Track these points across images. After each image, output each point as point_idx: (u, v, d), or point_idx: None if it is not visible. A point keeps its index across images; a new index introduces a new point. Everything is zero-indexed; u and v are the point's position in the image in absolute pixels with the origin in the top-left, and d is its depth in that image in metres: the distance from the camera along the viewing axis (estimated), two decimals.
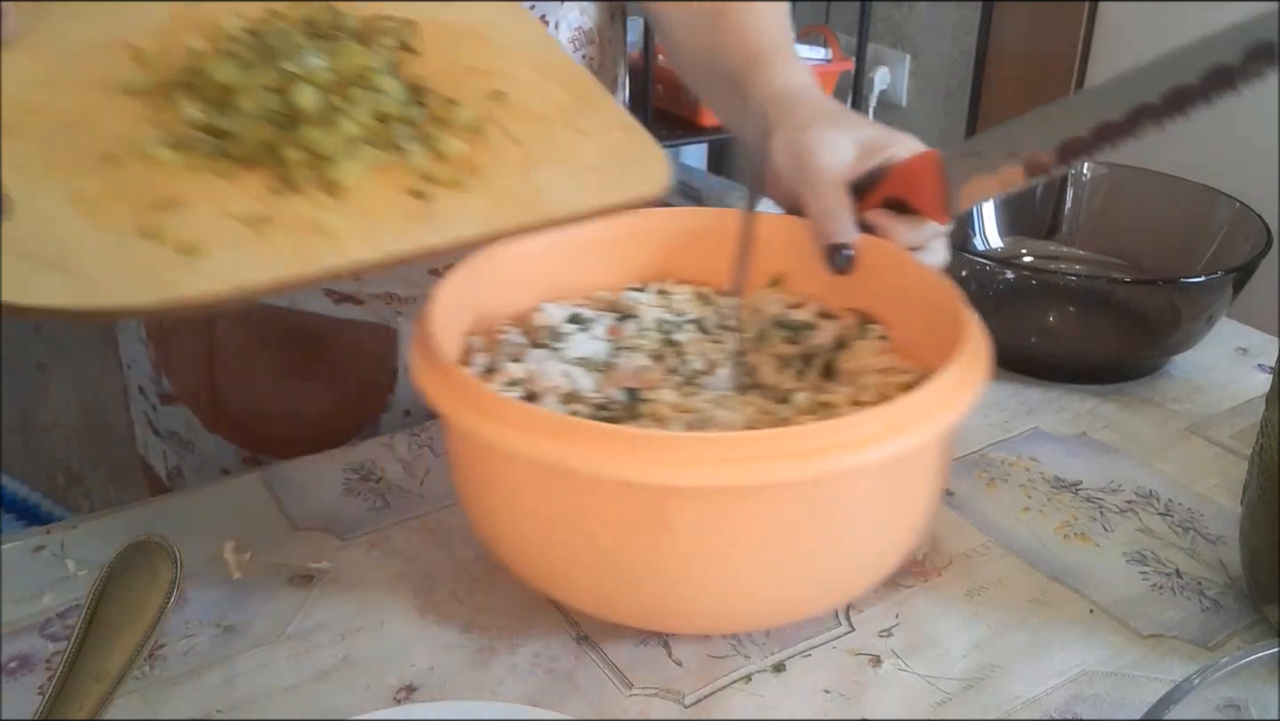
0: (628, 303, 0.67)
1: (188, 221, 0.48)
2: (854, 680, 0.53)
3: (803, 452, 0.46)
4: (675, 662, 0.54)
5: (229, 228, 0.48)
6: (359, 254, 0.49)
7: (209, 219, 0.48)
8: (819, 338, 0.65)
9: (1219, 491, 0.67)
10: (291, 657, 0.54)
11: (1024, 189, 0.62)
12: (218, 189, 0.50)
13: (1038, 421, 0.74)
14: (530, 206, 0.54)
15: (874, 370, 0.61)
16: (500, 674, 0.53)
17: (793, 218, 0.66)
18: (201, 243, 0.47)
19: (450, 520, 0.64)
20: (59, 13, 0.54)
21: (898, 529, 0.54)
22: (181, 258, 0.47)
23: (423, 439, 0.72)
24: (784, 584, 0.52)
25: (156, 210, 0.48)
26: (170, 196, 0.48)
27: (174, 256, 0.47)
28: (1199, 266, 0.80)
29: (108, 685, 0.47)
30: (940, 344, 0.57)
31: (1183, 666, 0.54)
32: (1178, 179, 0.85)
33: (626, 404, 0.58)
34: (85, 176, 0.49)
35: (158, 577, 0.52)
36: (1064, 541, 0.62)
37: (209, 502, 0.66)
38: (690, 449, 0.46)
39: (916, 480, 0.53)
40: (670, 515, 0.48)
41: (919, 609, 0.57)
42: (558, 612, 0.57)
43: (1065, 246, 0.89)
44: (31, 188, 0.47)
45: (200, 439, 0.83)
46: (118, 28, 0.54)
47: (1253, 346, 0.83)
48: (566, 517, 0.51)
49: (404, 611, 0.57)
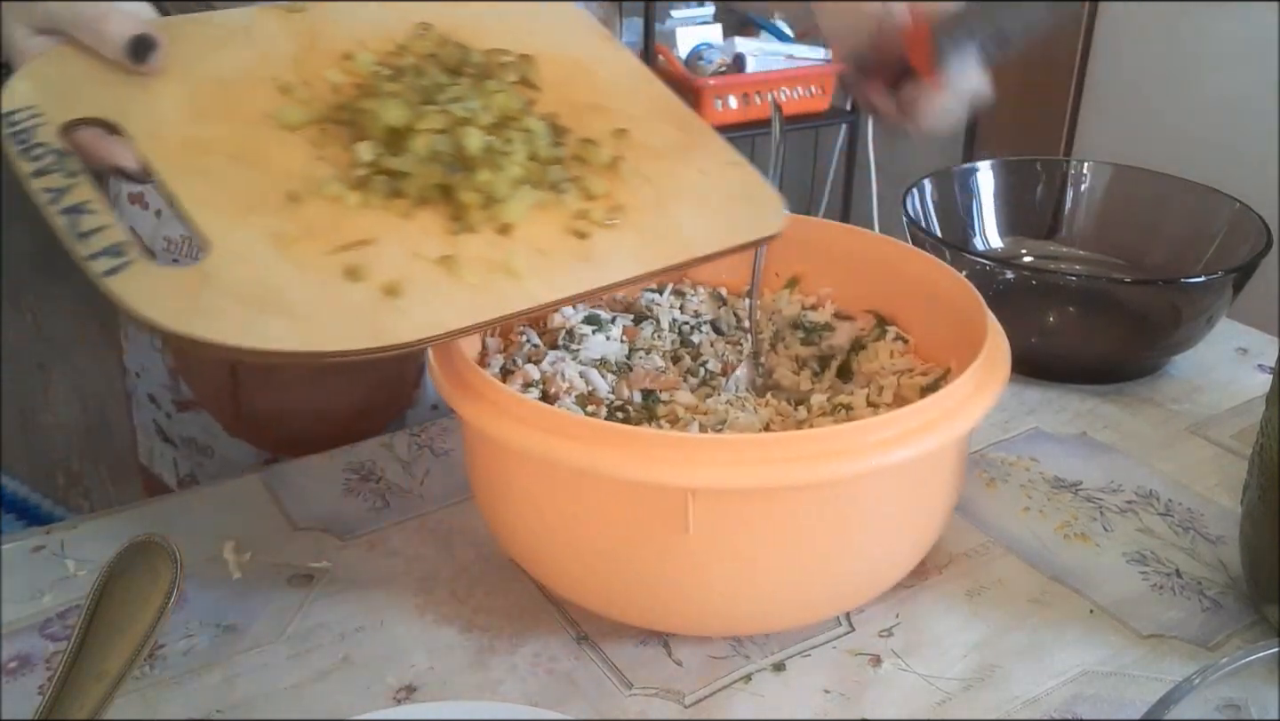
0: (644, 304, 0.67)
1: (382, 262, 0.49)
2: (854, 680, 0.53)
3: (823, 455, 0.46)
4: (675, 662, 0.54)
5: (421, 269, 0.49)
6: (541, 295, 0.51)
7: (400, 259, 0.49)
8: (836, 339, 0.65)
9: (1219, 491, 0.67)
10: (291, 657, 0.54)
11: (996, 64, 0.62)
12: (401, 229, 0.50)
13: (1038, 421, 0.74)
14: (677, 245, 0.55)
15: (891, 371, 0.61)
16: (500, 674, 0.53)
17: (806, 218, 0.66)
18: (401, 284, 0.48)
19: (450, 520, 0.64)
20: (192, 40, 0.54)
21: (914, 532, 0.54)
22: (387, 300, 0.47)
23: (423, 439, 0.72)
24: (799, 586, 0.52)
25: (350, 251, 0.49)
26: (361, 237, 0.49)
27: (380, 298, 0.47)
28: (1199, 266, 0.80)
29: (108, 685, 0.47)
30: (959, 344, 0.57)
31: (1183, 666, 0.54)
32: (1178, 179, 0.85)
33: (643, 405, 0.58)
34: (273, 216, 0.49)
35: (158, 577, 0.52)
36: (1064, 541, 0.62)
37: (209, 502, 0.66)
38: (708, 450, 0.46)
39: (935, 483, 0.53)
40: (687, 516, 0.48)
41: (919, 609, 0.57)
42: (558, 612, 0.57)
43: (1065, 246, 0.89)
44: (223, 228, 0.48)
45: (220, 443, 0.83)
46: (253, 58, 0.55)
47: (1253, 346, 0.83)
48: (581, 517, 0.51)
49: (404, 611, 0.57)
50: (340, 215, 0.50)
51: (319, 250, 0.48)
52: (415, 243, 0.50)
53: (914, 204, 0.82)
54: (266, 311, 0.46)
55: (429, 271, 0.49)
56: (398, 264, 0.49)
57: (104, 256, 0.45)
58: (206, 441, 0.83)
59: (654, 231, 0.55)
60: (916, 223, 0.80)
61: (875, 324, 0.66)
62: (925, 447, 0.48)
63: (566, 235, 0.53)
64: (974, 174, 0.89)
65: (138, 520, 0.64)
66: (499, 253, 0.51)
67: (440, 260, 0.50)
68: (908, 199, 0.82)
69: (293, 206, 0.50)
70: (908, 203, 0.81)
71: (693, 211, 0.57)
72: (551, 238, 0.53)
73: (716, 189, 0.59)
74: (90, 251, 0.45)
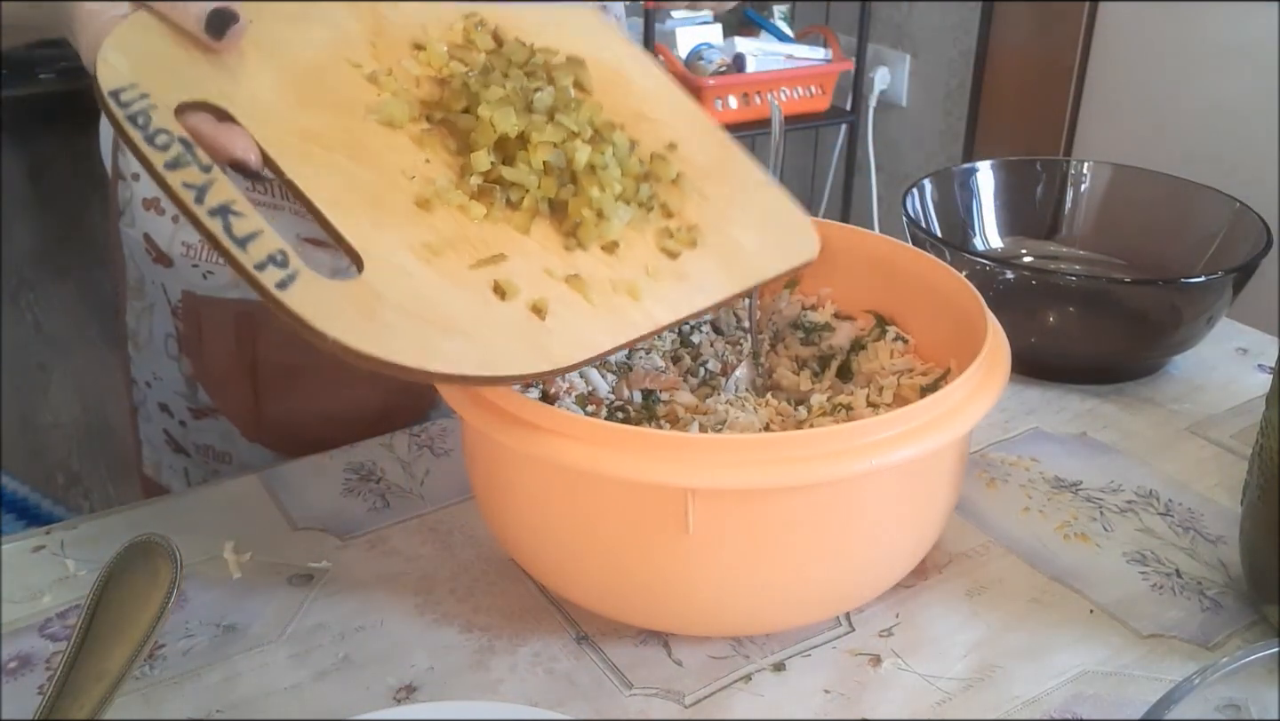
0: None
1: (519, 279, 0.47)
2: (854, 680, 0.53)
3: (823, 455, 0.46)
4: (675, 662, 0.54)
5: (553, 287, 0.48)
6: (660, 317, 0.50)
7: (533, 276, 0.47)
8: (835, 339, 0.65)
9: (1219, 491, 0.67)
10: (291, 657, 0.54)
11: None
12: (522, 244, 0.49)
13: (1038, 421, 0.74)
14: (749, 267, 0.54)
15: (891, 371, 0.61)
16: (500, 674, 0.53)
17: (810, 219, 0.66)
18: (545, 303, 0.46)
19: (450, 520, 0.64)
20: (263, 14, 0.49)
21: (914, 532, 0.54)
22: (534, 320, 0.46)
23: (423, 439, 0.72)
24: (799, 586, 0.52)
25: (489, 266, 0.46)
26: (494, 252, 0.47)
27: (529, 318, 0.45)
28: (1199, 266, 0.80)
29: (108, 685, 0.47)
30: (959, 344, 0.57)
31: (1183, 666, 0.54)
32: (1178, 179, 0.85)
33: (643, 405, 0.58)
34: (409, 225, 0.46)
35: (158, 577, 0.51)
36: (1064, 541, 0.62)
37: (209, 502, 0.66)
38: (708, 450, 0.46)
39: (935, 483, 0.53)
40: (687, 516, 0.48)
41: (919, 609, 0.57)
42: (558, 612, 0.57)
43: (1065, 246, 0.89)
44: (366, 235, 0.45)
45: (239, 450, 0.82)
46: (327, 37, 0.51)
47: (1253, 346, 0.83)
48: (581, 517, 0.51)
49: (404, 611, 0.57)
50: (465, 226, 0.47)
51: (461, 264, 0.46)
52: (540, 259, 0.48)
53: (914, 204, 0.82)
54: (439, 331, 0.43)
55: (560, 290, 0.48)
56: (534, 282, 0.47)
57: (271, 267, 0.41)
58: (225, 448, 0.83)
59: (727, 251, 0.54)
60: (916, 223, 0.80)
61: (875, 324, 0.66)
62: (925, 448, 0.48)
63: (659, 254, 0.52)
64: (974, 174, 0.89)
65: (138, 520, 0.64)
66: (615, 272, 0.50)
67: (569, 279, 0.48)
68: (908, 199, 0.82)
69: (422, 214, 0.47)
70: (908, 203, 0.81)
71: (747, 232, 0.56)
72: (650, 257, 0.52)
73: (760, 208, 0.58)
74: (255, 262, 0.41)
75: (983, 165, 0.89)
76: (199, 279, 0.76)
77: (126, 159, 0.78)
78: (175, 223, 0.76)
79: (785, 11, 2.36)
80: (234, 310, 0.76)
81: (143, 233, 0.78)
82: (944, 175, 0.88)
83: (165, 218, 0.76)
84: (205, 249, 0.75)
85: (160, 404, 0.84)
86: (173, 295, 0.78)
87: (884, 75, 2.27)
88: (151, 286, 0.80)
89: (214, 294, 0.76)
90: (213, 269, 0.76)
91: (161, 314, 0.80)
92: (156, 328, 0.81)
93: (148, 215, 0.77)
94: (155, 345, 0.82)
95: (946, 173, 0.88)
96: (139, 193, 0.77)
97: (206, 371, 0.80)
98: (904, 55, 2.26)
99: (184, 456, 0.85)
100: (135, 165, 0.77)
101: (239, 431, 0.81)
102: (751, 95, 2.08)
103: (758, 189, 0.59)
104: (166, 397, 0.83)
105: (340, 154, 0.47)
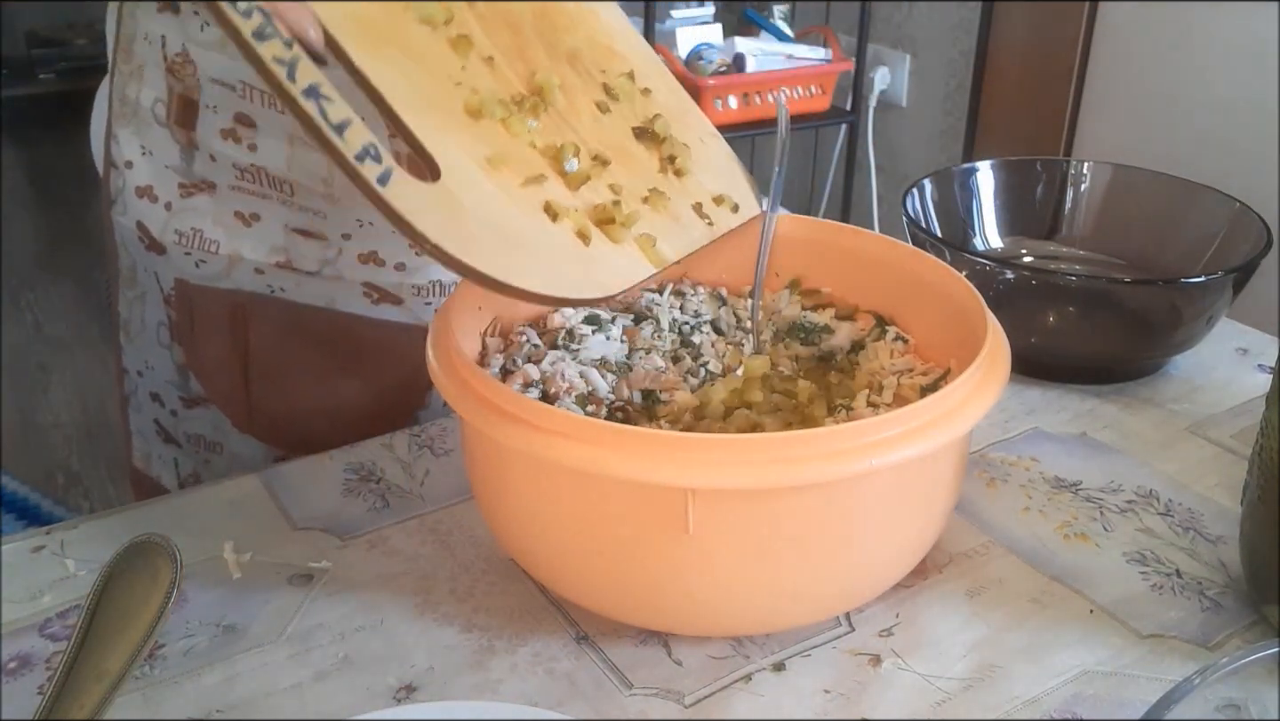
0: (644, 305, 0.67)
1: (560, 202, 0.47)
2: (854, 680, 0.53)
3: (823, 455, 0.46)
4: (675, 662, 0.54)
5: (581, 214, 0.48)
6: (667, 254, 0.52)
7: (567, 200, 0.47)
8: (835, 340, 0.65)
9: (1219, 491, 0.67)
10: (291, 657, 0.54)
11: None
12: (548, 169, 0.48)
13: (1038, 421, 0.74)
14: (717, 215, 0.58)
15: (891, 371, 0.61)
16: (500, 674, 0.53)
17: (806, 218, 0.66)
18: (588, 229, 0.46)
19: (450, 520, 0.64)
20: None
21: (914, 532, 0.54)
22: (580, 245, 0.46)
23: (423, 439, 0.72)
24: (799, 586, 0.52)
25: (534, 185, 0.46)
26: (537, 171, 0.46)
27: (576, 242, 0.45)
28: (1199, 266, 0.80)
29: (108, 685, 0.47)
30: (959, 344, 0.57)
31: (1183, 666, 0.54)
32: (1178, 179, 0.85)
33: (643, 405, 0.58)
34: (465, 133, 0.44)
35: (158, 577, 0.52)
36: (1064, 541, 0.62)
37: (209, 502, 0.66)
38: (708, 450, 0.46)
39: (935, 483, 0.53)
40: (687, 516, 0.48)
41: (919, 609, 0.57)
42: (557, 612, 0.57)
43: (1065, 246, 0.89)
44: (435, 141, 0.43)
45: (230, 440, 0.82)
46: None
47: (1253, 346, 0.83)
48: (581, 517, 0.51)
49: (404, 611, 0.57)
50: (508, 141, 0.46)
51: (514, 180, 0.45)
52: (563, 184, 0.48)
53: (914, 204, 0.82)
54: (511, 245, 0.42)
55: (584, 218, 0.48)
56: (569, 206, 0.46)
57: (369, 160, 0.39)
58: (216, 438, 0.83)
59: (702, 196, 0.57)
60: (916, 223, 0.80)
61: (875, 324, 0.66)
62: (925, 447, 0.48)
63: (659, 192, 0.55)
64: (974, 174, 0.89)
65: (138, 520, 0.64)
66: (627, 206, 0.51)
67: (597, 218, 0.48)
68: (908, 199, 0.82)
69: (474, 124, 0.45)
70: (908, 203, 0.81)
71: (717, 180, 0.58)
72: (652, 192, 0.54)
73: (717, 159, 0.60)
74: (354, 152, 0.39)
75: (983, 165, 0.89)
76: (191, 267, 0.76)
77: (119, 146, 0.77)
78: (168, 211, 0.76)
79: (785, 11, 2.36)
80: (227, 300, 0.76)
81: (135, 220, 0.77)
82: (944, 175, 0.88)
83: (158, 205, 0.76)
84: (198, 237, 0.75)
85: (152, 393, 0.84)
86: (165, 283, 0.78)
87: (884, 75, 2.27)
88: (144, 275, 0.79)
89: (207, 283, 0.76)
90: (205, 257, 0.75)
91: (154, 302, 0.80)
92: (149, 316, 0.81)
93: (140, 203, 0.77)
94: (147, 334, 0.83)
95: (946, 173, 0.88)
96: (131, 181, 0.77)
97: (198, 360, 0.81)
98: (904, 55, 2.26)
99: (174, 446, 0.85)
100: (128, 153, 0.76)
101: (230, 421, 0.81)
102: (751, 95, 2.08)
103: (711, 139, 0.60)
104: (158, 386, 0.84)
105: (394, 48, 0.44)
